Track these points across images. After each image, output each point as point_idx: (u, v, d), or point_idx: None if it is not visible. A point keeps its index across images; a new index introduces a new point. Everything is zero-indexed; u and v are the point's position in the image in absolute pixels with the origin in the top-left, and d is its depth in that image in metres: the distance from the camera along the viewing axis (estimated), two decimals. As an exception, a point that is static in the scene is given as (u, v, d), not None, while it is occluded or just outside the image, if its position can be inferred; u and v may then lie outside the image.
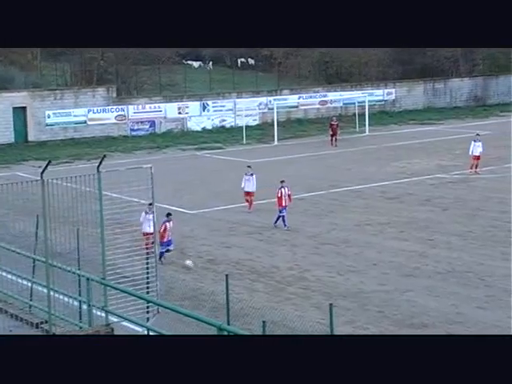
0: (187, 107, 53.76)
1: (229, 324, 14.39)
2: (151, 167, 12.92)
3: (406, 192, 33.07)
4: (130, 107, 51.80)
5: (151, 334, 15.07)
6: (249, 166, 30.20)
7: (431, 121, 57.64)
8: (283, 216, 26.95)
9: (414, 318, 18.57)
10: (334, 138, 47.04)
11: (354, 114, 53.67)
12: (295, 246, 25.17)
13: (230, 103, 55.07)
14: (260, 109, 56.00)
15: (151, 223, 23.47)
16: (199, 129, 53.72)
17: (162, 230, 23.21)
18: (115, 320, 12.37)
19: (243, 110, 53.70)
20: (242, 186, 29.62)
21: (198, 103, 54.02)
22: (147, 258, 14.02)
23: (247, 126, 51.36)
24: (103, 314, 11.75)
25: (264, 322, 13.91)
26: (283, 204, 27.03)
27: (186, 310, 12.56)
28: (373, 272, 22.26)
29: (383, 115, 58.85)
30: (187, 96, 54.20)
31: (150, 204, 24.33)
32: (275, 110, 50.39)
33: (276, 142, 48.94)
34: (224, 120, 54.93)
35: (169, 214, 23.82)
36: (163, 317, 14.08)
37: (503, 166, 38.30)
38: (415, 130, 53.21)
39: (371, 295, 20.26)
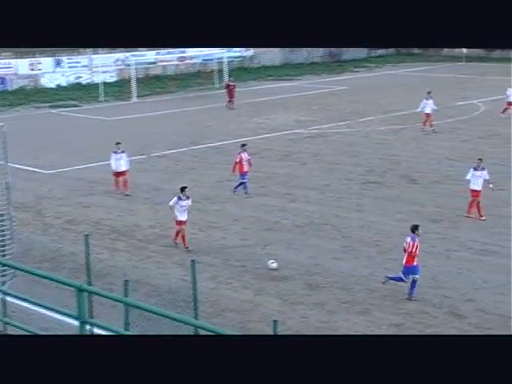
0: (40, 63, 51.87)
1: (90, 284, 14.16)
2: (3, 126, 12.37)
3: (266, 147, 33.51)
4: (-21, 63, 49.41)
5: (9, 299, 14.58)
6: (118, 143, 26.41)
7: (289, 76, 58.52)
8: (245, 183, 25.75)
9: (275, 272, 18.96)
10: (231, 101, 44.26)
11: (213, 71, 53.60)
12: (157, 204, 25.01)
13: (85, 59, 53.59)
14: (117, 65, 54.86)
15: (184, 210, 20.51)
16: (53, 86, 52.07)
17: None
18: (-31, 286, 11.88)
19: (99, 66, 52.44)
20: (113, 167, 26.07)
21: (51, 59, 52.20)
22: (2, 221, 13.49)
23: (104, 83, 50.24)
24: (-44, 280, 11.25)
25: (126, 280, 13.79)
26: (244, 170, 25.75)
27: (45, 272, 12.21)
28: (234, 227, 22.50)
29: (242, 71, 59.13)
30: (39, 52, 52.21)
31: (183, 188, 20.82)
32: (133, 67, 49.53)
33: (135, 99, 48.20)
34: (80, 77, 53.46)
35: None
36: (21, 280, 13.67)
37: (358, 120, 39.56)
38: (273, 86, 53.86)
39: (233, 250, 20.49)
